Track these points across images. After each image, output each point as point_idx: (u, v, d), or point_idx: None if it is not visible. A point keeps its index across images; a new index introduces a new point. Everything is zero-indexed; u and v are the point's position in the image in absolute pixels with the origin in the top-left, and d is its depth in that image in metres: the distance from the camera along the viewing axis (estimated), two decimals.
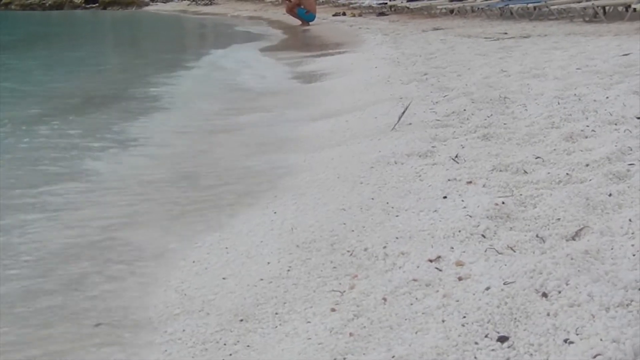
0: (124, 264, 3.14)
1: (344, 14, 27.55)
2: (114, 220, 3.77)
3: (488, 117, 4.99)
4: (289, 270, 2.68)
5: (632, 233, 2.57)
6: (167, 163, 5.11)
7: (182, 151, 5.55)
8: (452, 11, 20.48)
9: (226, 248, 3.16)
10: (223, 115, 7.14)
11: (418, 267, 2.49)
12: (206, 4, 47.74)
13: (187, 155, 5.40)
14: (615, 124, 4.28)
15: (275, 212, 3.51)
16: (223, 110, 7.50)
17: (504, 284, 2.18)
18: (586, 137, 4.11)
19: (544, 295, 2.09)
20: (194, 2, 49.62)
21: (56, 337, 2.49)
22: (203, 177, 4.66)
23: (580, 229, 2.69)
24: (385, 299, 2.29)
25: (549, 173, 3.44)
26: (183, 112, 7.46)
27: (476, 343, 1.92)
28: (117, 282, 2.95)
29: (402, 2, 25.33)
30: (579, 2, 14.03)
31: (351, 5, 29.53)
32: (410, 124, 5.08)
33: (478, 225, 2.79)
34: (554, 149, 3.95)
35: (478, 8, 19.01)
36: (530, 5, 15.74)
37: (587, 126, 4.30)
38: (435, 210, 3.07)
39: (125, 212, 3.92)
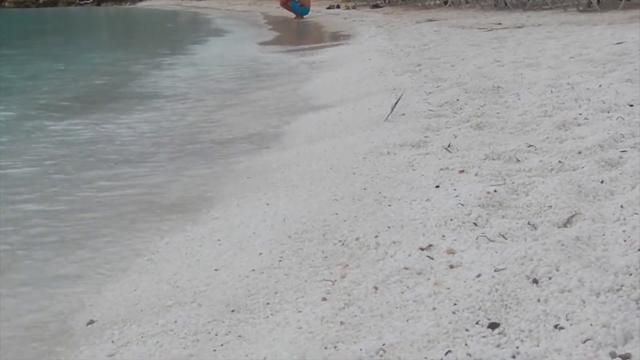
0: None
1: (338, 6, 27.47)
2: None
3: (481, 106, 4.98)
4: (280, 261, 2.67)
5: (624, 219, 2.56)
6: None
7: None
8: (446, 2, 20.45)
9: (218, 240, 3.15)
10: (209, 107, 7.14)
11: (409, 255, 2.48)
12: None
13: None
14: (608, 112, 4.27)
15: (267, 204, 3.50)
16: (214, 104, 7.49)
17: (495, 271, 2.18)
18: (579, 125, 4.10)
19: (535, 281, 2.09)
20: None
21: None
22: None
23: (572, 216, 2.68)
24: (376, 288, 2.28)
25: (541, 161, 3.44)
26: None
27: (467, 330, 1.92)
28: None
29: None
30: None
31: None
32: (403, 114, 5.07)
33: (470, 214, 2.78)
34: (547, 137, 3.94)
35: None
36: None
37: (580, 114, 4.29)
38: (428, 199, 3.06)
39: None
